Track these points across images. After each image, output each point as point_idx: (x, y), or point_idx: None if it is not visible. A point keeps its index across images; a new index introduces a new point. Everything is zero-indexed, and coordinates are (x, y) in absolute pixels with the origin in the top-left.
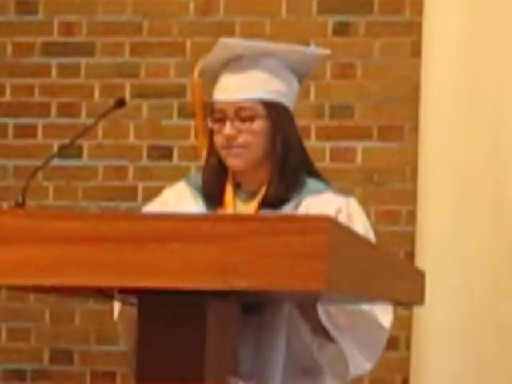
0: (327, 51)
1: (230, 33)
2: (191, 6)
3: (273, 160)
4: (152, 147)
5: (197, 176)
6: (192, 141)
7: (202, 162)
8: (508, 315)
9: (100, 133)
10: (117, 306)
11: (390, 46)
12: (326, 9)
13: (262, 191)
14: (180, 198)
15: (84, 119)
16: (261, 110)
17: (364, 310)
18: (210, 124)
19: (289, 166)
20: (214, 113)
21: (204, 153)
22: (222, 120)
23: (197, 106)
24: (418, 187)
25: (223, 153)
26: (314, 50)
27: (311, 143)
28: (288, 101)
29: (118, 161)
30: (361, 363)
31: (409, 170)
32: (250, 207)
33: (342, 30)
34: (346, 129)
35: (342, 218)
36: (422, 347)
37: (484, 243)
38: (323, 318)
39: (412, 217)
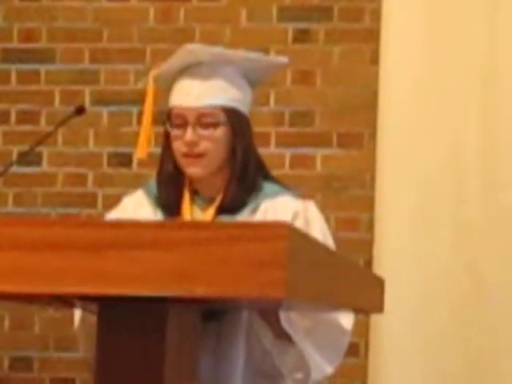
0: (285, 60)
1: (190, 40)
2: (151, 13)
3: (231, 166)
4: (112, 154)
5: (153, 184)
6: (151, 148)
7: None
8: (470, 321)
9: (60, 140)
10: (77, 314)
11: (349, 53)
12: (285, 16)
13: (219, 197)
14: (138, 206)
15: (44, 126)
16: (222, 117)
17: (325, 314)
18: (168, 129)
19: (248, 172)
20: (173, 118)
21: (141, 155)
22: (181, 126)
23: (146, 109)
24: (375, 194)
25: (183, 160)
26: (272, 58)
27: (271, 150)
28: (245, 108)
29: (77, 168)
30: (322, 367)
31: (368, 176)
32: (207, 214)
33: (301, 37)
34: (305, 135)
35: (300, 223)
36: (380, 354)
37: (443, 250)
38: (284, 322)
39: (372, 224)
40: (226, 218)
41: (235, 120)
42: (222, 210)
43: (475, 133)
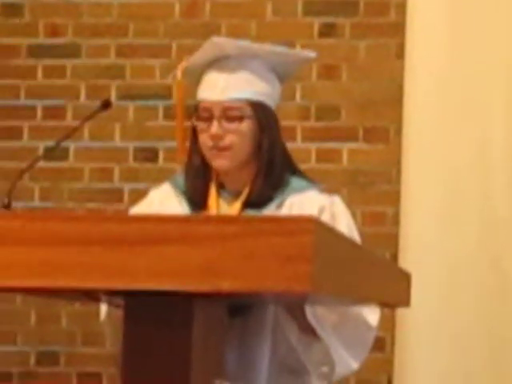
0: (312, 54)
1: (216, 35)
2: (177, 8)
3: (257, 160)
4: (138, 149)
5: (181, 177)
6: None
7: (183, 164)
8: (495, 317)
9: (86, 134)
10: (103, 308)
11: (375, 48)
12: (311, 10)
13: (246, 191)
14: (165, 200)
15: (70, 121)
16: (248, 111)
17: (351, 309)
18: (194, 123)
19: (274, 166)
20: (200, 111)
21: (183, 155)
22: (208, 119)
23: (178, 106)
24: (401, 189)
25: (209, 153)
26: (299, 52)
27: (297, 144)
28: (272, 102)
29: (104, 163)
30: (348, 362)
31: (395, 171)
32: (233, 208)
33: (327, 31)
34: (331, 130)
35: (326, 217)
36: (406, 348)
37: (469, 246)
38: (310, 317)
39: (398, 219)
40: (252, 213)
41: (261, 114)
42: (248, 204)
43: (501, 128)
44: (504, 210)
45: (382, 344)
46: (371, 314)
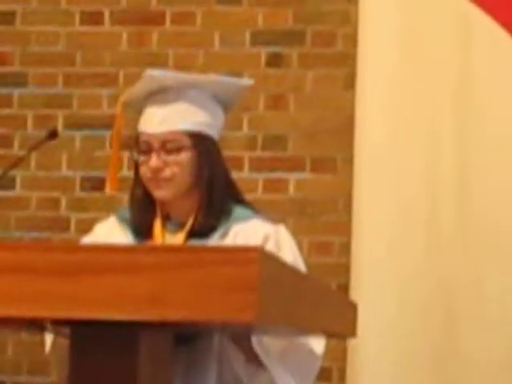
0: (249, 81)
1: (163, 64)
2: (124, 38)
3: (199, 190)
4: (85, 178)
5: (125, 209)
6: (124, 172)
7: (113, 193)
8: (442, 347)
9: (33, 164)
10: (48, 339)
11: (322, 78)
12: (258, 40)
13: (190, 221)
14: (110, 232)
15: (17, 150)
16: (186, 141)
17: (297, 338)
18: (135, 156)
19: (215, 195)
20: (140, 144)
21: (112, 188)
22: (147, 152)
23: (115, 137)
24: (352, 218)
25: (150, 184)
26: (235, 80)
27: (244, 174)
28: (213, 131)
29: (50, 192)
30: None
31: (342, 201)
32: (177, 238)
33: (274, 61)
34: (278, 160)
35: (270, 245)
36: (357, 379)
37: (417, 269)
38: (256, 346)
39: (345, 248)
40: (196, 243)
41: (200, 143)
42: (192, 234)
43: (450, 154)
44: (449, 231)
45: (329, 374)
46: (316, 343)
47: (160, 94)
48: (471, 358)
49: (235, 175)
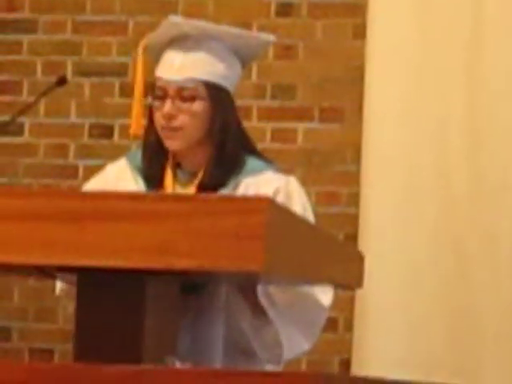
0: (272, 37)
1: (173, 12)
2: None
3: (212, 141)
4: (93, 125)
5: (137, 153)
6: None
7: (136, 140)
8: (454, 297)
9: (42, 110)
10: (59, 282)
11: (332, 28)
12: None
13: (201, 173)
14: (120, 176)
15: (26, 96)
16: (202, 91)
17: (303, 289)
18: (150, 101)
19: (227, 148)
20: (156, 90)
21: (136, 131)
22: (162, 98)
23: (136, 81)
24: (361, 169)
25: (162, 133)
26: (258, 35)
27: (252, 123)
28: (229, 84)
29: (59, 139)
30: (299, 343)
31: (350, 151)
32: (188, 190)
33: (284, 10)
34: (287, 110)
35: (281, 198)
36: (365, 329)
37: (428, 226)
38: (262, 298)
39: (353, 198)
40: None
41: (216, 95)
42: (203, 186)
43: (461, 107)
44: (463, 189)
45: (335, 325)
46: (323, 295)
47: (180, 42)
48: (483, 308)
49: (244, 124)
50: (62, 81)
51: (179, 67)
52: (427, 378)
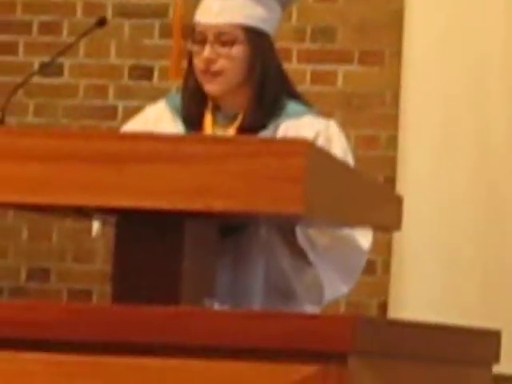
0: None
1: None
2: None
3: (252, 85)
4: (133, 67)
5: (177, 96)
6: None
7: (180, 83)
8: (492, 242)
9: (81, 51)
10: (96, 224)
11: None
12: None
13: (241, 116)
14: (160, 118)
15: (65, 37)
16: (241, 35)
17: (343, 232)
18: (189, 46)
19: (267, 91)
20: (195, 35)
21: (175, 72)
22: (202, 42)
23: (176, 24)
24: (399, 112)
25: (201, 77)
26: None
27: (292, 66)
28: (269, 27)
29: (99, 80)
30: (338, 286)
31: (389, 94)
32: (227, 132)
33: None
34: (327, 52)
35: (321, 141)
36: (402, 272)
37: (466, 170)
38: (301, 240)
39: (392, 142)
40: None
41: (255, 38)
42: (242, 129)
43: (501, 50)
44: (500, 136)
45: (374, 267)
46: (363, 238)
47: None
48: None
49: (284, 67)
50: (101, 21)
51: (217, 11)
52: (462, 321)
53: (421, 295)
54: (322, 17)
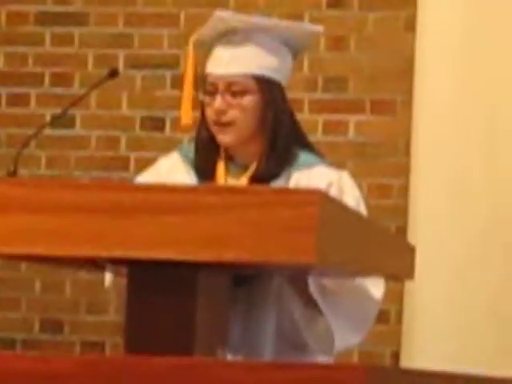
0: (320, 28)
1: (224, 5)
2: None
3: (264, 135)
4: (145, 118)
5: (189, 147)
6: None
7: (192, 134)
8: (501, 292)
9: (93, 103)
10: (108, 275)
11: (383, 20)
12: None
13: (253, 166)
14: (173, 169)
15: (77, 89)
16: (252, 85)
17: (355, 282)
18: (201, 97)
19: (280, 141)
20: (206, 85)
21: (185, 123)
22: (213, 93)
23: (187, 77)
24: (411, 161)
25: (213, 128)
26: (307, 26)
27: (304, 116)
28: (280, 76)
29: (110, 131)
30: (350, 336)
31: (402, 143)
32: (240, 182)
33: (336, 2)
34: (338, 102)
35: (334, 192)
36: (414, 321)
37: (478, 217)
38: (313, 290)
39: (404, 191)
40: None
41: (266, 88)
42: (255, 179)
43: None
44: (509, 173)
45: (387, 317)
46: (375, 287)
47: (228, 36)
48: None
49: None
50: (113, 73)
51: (228, 62)
52: (477, 371)
53: (434, 344)
54: (333, 66)
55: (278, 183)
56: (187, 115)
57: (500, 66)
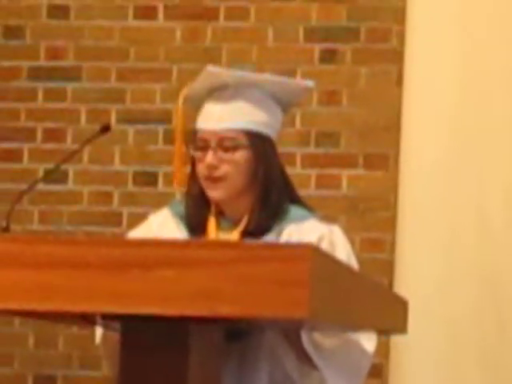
0: (311, 83)
1: (217, 60)
2: (178, 33)
3: (255, 189)
4: (137, 173)
5: (180, 203)
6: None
7: (180, 189)
8: (490, 346)
9: (86, 158)
10: (99, 330)
11: (376, 74)
12: (312, 36)
13: (244, 220)
14: (163, 224)
15: (70, 144)
16: (243, 141)
17: (348, 336)
18: (192, 152)
19: (271, 196)
20: (197, 141)
21: (179, 180)
22: (204, 149)
23: (177, 132)
24: (398, 215)
25: (204, 183)
26: (298, 82)
27: (296, 170)
28: (271, 131)
29: (103, 186)
30: None
31: (393, 198)
32: (232, 236)
33: (328, 57)
34: (331, 156)
35: (325, 246)
36: (400, 376)
37: (464, 271)
38: (306, 344)
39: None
40: (251, 240)
41: (257, 143)
42: (246, 233)
43: (502, 160)
44: (499, 227)
45: (379, 370)
46: (368, 341)
47: (219, 92)
48: None
49: (287, 171)
50: (105, 128)
51: (219, 117)
52: None
53: None
54: (326, 121)
55: (269, 237)
56: (181, 176)
57: (487, 125)
